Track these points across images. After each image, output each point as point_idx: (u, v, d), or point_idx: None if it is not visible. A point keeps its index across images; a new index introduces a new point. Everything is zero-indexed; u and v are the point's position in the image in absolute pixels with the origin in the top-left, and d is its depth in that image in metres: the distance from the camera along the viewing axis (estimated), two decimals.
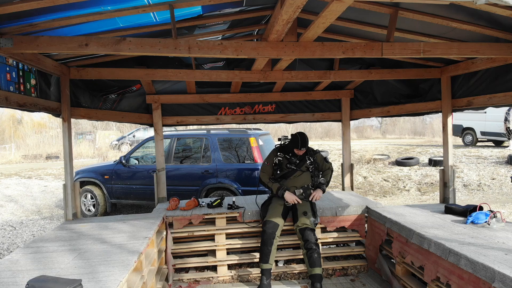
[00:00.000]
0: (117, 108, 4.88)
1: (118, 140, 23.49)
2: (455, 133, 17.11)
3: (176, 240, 4.40)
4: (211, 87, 5.09)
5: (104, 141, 25.47)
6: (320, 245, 4.24)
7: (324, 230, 4.51)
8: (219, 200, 4.55)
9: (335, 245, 4.85)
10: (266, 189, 4.32)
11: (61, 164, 18.80)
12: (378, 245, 4.25)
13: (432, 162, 11.42)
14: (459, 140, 16.29)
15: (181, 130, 9.51)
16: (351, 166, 5.51)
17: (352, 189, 5.52)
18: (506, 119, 13.86)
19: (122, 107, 4.92)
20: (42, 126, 32.36)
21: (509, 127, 13.74)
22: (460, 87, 4.43)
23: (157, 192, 5.12)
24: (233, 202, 4.44)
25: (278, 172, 4.17)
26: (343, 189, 5.58)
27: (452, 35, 3.58)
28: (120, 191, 7.87)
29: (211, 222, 4.37)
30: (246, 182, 6.88)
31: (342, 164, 5.58)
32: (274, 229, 3.94)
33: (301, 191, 4.13)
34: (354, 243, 4.80)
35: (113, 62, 4.27)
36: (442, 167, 4.67)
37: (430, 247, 3.17)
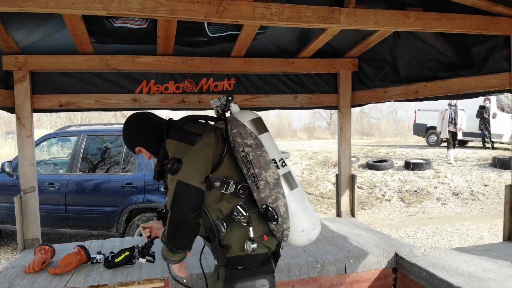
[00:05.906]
0: None
1: None
2: (418, 132, 16.08)
3: None
4: (122, 41, 2.85)
5: None
6: None
7: None
8: (127, 253, 2.36)
9: None
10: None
11: None
12: None
13: (411, 166, 9.84)
14: (417, 140, 15.00)
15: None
16: (352, 178, 3.51)
17: (353, 214, 3.54)
18: (481, 115, 12.47)
19: None
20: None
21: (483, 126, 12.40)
22: None
23: (22, 230, 2.81)
24: (152, 253, 2.25)
25: None
26: (338, 215, 3.58)
27: None
28: (3, 212, 5.32)
29: None
30: None
31: (337, 175, 3.56)
32: None
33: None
34: None
35: None
36: (509, 184, 2.82)
37: None
